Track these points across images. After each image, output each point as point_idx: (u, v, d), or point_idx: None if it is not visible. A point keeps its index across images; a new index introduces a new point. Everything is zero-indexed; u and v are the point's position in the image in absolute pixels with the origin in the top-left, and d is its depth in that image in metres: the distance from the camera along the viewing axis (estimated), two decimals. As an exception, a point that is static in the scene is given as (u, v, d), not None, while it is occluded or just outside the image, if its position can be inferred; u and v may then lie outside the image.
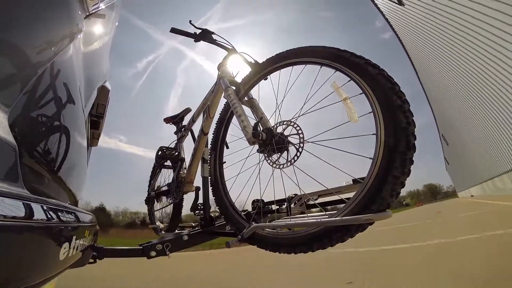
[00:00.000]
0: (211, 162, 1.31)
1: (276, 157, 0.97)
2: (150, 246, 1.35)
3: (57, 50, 0.62)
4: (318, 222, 0.80)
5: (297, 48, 1.02)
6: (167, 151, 1.98)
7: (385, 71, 0.75)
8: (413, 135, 0.67)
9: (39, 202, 0.46)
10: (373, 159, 0.70)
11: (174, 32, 1.40)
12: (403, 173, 0.66)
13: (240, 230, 1.04)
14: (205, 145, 1.54)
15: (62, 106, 0.70)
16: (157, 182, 2.18)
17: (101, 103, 1.29)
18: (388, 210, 0.68)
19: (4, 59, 0.47)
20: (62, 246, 0.51)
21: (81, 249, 0.67)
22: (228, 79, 1.29)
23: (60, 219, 0.53)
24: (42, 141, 0.61)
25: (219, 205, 1.22)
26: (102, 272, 3.08)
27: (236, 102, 1.12)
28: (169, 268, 4.00)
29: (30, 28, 0.53)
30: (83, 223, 0.70)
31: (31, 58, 0.54)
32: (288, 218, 1.04)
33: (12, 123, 0.45)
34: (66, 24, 0.69)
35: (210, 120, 1.49)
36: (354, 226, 0.73)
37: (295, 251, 0.85)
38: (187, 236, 1.39)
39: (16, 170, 0.46)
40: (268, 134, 0.97)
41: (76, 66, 0.79)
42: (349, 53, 0.84)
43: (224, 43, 1.43)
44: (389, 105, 0.69)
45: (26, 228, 0.39)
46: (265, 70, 1.17)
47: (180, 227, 1.83)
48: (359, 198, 0.71)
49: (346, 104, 0.84)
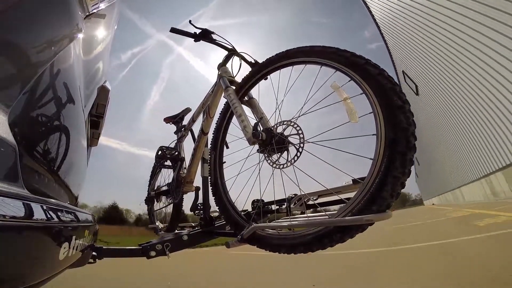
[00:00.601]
0: (211, 162, 1.31)
1: (276, 157, 0.97)
2: (149, 246, 1.35)
3: (57, 50, 0.62)
4: (318, 223, 0.80)
5: (297, 48, 1.02)
6: (167, 151, 1.98)
7: (385, 71, 0.75)
8: (414, 136, 0.67)
9: (39, 202, 0.46)
10: (373, 160, 0.70)
11: (174, 32, 1.40)
12: (403, 173, 0.66)
13: (240, 230, 1.04)
14: (205, 145, 1.54)
15: (62, 106, 0.70)
16: (157, 182, 2.19)
17: (101, 103, 1.29)
18: (388, 211, 0.68)
19: (4, 59, 0.47)
20: (62, 246, 0.51)
21: (80, 249, 0.67)
22: (228, 79, 1.29)
23: (59, 219, 0.53)
24: (42, 141, 0.61)
25: (219, 205, 1.22)
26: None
27: (236, 102, 1.12)
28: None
29: (30, 28, 0.53)
30: (82, 223, 0.70)
31: (31, 58, 0.54)
32: (288, 218, 1.04)
33: (12, 123, 0.45)
34: (66, 24, 0.69)
35: (210, 120, 1.49)
36: (354, 227, 0.73)
37: (295, 251, 0.85)
38: (187, 236, 1.39)
39: (16, 170, 0.46)
40: (268, 134, 0.97)
41: (76, 66, 0.79)
42: (349, 53, 0.83)
43: (224, 43, 1.43)
44: (390, 106, 0.69)
45: (26, 228, 0.39)
46: (265, 70, 1.16)
47: (180, 227, 1.83)
48: (359, 199, 0.71)
49: (346, 104, 0.84)
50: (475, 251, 2.31)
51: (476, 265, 1.81)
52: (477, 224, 4.20)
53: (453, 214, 7.70)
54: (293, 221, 0.96)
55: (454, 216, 6.96)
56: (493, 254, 2.09)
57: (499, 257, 1.93)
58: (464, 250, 2.39)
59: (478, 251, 2.27)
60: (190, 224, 1.87)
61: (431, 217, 8.47)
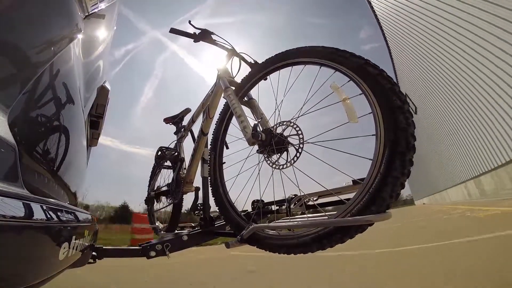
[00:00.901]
0: (211, 163, 1.31)
1: (276, 158, 0.97)
2: (149, 246, 1.35)
3: (56, 50, 0.62)
4: (317, 223, 0.80)
5: (296, 48, 1.02)
6: (166, 152, 1.98)
7: (384, 72, 0.75)
8: (413, 136, 0.67)
9: (38, 202, 0.46)
10: (372, 160, 0.70)
11: (174, 33, 1.40)
12: (403, 174, 0.66)
13: (239, 230, 1.04)
14: (205, 145, 1.54)
15: (61, 106, 0.70)
16: (157, 182, 2.19)
17: (100, 103, 1.29)
18: (388, 211, 0.68)
19: (4, 59, 0.47)
20: (62, 246, 0.51)
21: (80, 249, 0.67)
22: (227, 79, 1.29)
23: (59, 219, 0.53)
24: (42, 141, 0.61)
25: (218, 205, 1.22)
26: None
27: (235, 102, 1.12)
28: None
29: (30, 28, 0.53)
30: (82, 223, 0.70)
31: (31, 58, 0.54)
32: (288, 218, 1.04)
33: (12, 123, 0.45)
34: (66, 24, 0.69)
35: (209, 121, 1.49)
36: (354, 227, 0.73)
37: (294, 252, 0.85)
38: (187, 236, 1.39)
39: (16, 170, 0.46)
40: (268, 135, 0.97)
41: (76, 66, 0.79)
42: (348, 53, 0.84)
43: (224, 43, 1.43)
44: (389, 106, 0.69)
45: (26, 228, 0.39)
46: (265, 70, 1.17)
47: (180, 227, 1.83)
48: (359, 199, 0.71)
49: (346, 105, 0.84)
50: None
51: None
52: (453, 212, 7.64)
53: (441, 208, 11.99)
54: (292, 221, 0.96)
55: (442, 209, 10.59)
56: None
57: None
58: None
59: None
60: (190, 224, 1.87)
61: (431, 213, 10.23)
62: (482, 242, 2.46)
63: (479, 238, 2.62)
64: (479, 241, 2.52)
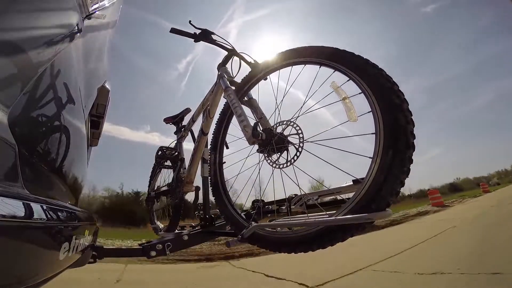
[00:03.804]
0: (211, 162, 1.31)
1: (276, 157, 0.97)
2: (150, 246, 1.35)
3: (57, 50, 0.62)
4: (318, 222, 0.80)
5: (296, 48, 1.02)
6: (167, 151, 1.99)
7: (383, 71, 0.75)
8: (412, 134, 0.67)
9: (39, 202, 0.46)
10: (372, 158, 0.70)
11: (174, 33, 1.40)
12: (402, 172, 0.66)
13: (240, 230, 1.04)
14: (205, 145, 1.54)
15: (62, 106, 0.70)
16: (157, 182, 2.19)
17: (101, 103, 1.30)
18: (388, 209, 0.68)
19: (4, 59, 0.47)
20: (62, 246, 0.51)
21: (81, 249, 0.67)
22: (228, 79, 1.29)
23: (60, 219, 0.53)
24: (42, 141, 0.61)
25: (219, 205, 1.22)
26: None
27: (236, 102, 1.12)
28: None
29: (30, 28, 0.53)
30: (82, 222, 0.70)
31: (31, 58, 0.54)
32: (288, 217, 1.04)
33: (12, 123, 0.45)
34: (66, 24, 0.69)
35: (210, 120, 1.49)
36: (354, 226, 0.73)
37: (295, 251, 0.85)
38: (187, 236, 1.39)
39: (16, 170, 0.46)
40: (268, 134, 0.97)
41: (76, 66, 0.79)
42: (348, 53, 0.84)
43: (224, 43, 1.43)
44: (388, 104, 0.69)
45: (26, 228, 0.39)
46: (265, 70, 1.17)
47: (180, 227, 1.83)
48: (359, 197, 0.71)
49: (345, 104, 0.84)
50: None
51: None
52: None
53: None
54: (293, 220, 0.96)
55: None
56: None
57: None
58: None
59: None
60: (190, 224, 1.87)
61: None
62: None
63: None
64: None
